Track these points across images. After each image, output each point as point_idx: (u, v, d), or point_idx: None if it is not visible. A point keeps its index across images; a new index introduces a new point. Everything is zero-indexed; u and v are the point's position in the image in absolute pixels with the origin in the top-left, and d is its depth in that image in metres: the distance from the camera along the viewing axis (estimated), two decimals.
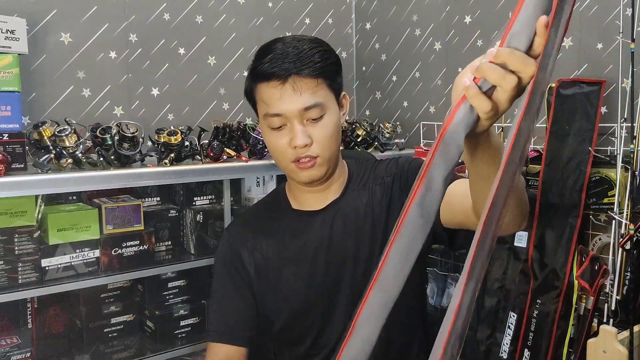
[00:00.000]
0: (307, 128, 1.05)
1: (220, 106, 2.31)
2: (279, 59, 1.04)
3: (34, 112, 1.89)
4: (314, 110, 1.04)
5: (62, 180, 1.55)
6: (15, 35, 1.57)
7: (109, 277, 1.76)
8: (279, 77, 1.03)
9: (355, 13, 2.70)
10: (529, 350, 1.67)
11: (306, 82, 1.04)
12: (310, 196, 1.16)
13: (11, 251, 1.62)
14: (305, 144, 1.04)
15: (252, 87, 1.09)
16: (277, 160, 1.11)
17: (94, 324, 1.85)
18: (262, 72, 1.05)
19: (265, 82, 1.05)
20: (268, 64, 1.04)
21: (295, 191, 1.19)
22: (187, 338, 1.95)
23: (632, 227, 1.46)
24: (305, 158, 1.06)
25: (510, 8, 2.00)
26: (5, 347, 1.69)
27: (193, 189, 2.02)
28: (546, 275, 1.66)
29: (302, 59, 1.04)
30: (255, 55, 1.10)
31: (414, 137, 2.35)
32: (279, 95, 1.03)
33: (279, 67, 1.03)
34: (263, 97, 1.06)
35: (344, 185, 1.18)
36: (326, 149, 1.07)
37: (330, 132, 1.07)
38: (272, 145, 1.09)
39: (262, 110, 1.08)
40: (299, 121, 1.04)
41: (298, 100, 1.03)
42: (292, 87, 1.03)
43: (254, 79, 1.08)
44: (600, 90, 1.66)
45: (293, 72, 1.03)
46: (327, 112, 1.07)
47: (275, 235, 1.18)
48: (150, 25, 2.12)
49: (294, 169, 1.08)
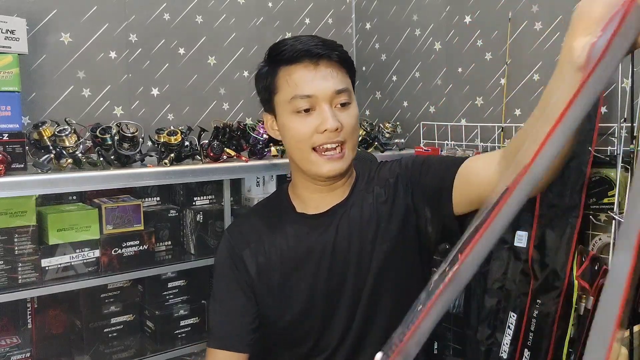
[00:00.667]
0: (336, 113, 1.03)
1: (220, 106, 2.31)
2: (306, 42, 1.03)
3: (34, 112, 1.89)
4: (344, 95, 1.04)
5: (62, 180, 1.55)
6: (15, 35, 1.57)
7: (109, 277, 1.76)
8: (311, 58, 1.02)
9: (355, 13, 2.70)
10: (529, 350, 1.67)
11: (337, 66, 1.04)
12: (317, 196, 1.14)
13: (11, 251, 1.62)
14: (337, 127, 1.02)
15: (275, 72, 1.06)
16: (296, 150, 1.07)
17: (93, 324, 1.85)
18: (292, 53, 1.02)
19: (295, 63, 1.03)
20: (300, 45, 1.02)
21: (300, 191, 1.15)
22: (187, 338, 1.95)
23: None
24: (332, 144, 1.03)
25: (510, 8, 2.00)
26: (5, 347, 1.69)
27: (193, 189, 2.02)
28: (546, 275, 1.66)
29: (328, 44, 1.04)
30: (271, 48, 1.08)
31: (414, 137, 2.35)
32: (312, 77, 1.02)
33: (312, 47, 1.02)
34: (293, 79, 1.03)
35: (350, 187, 1.16)
36: (353, 138, 1.06)
37: (356, 122, 1.07)
38: (296, 130, 1.04)
39: (288, 93, 1.04)
40: (329, 104, 1.02)
41: (331, 81, 1.02)
42: (326, 68, 1.02)
43: (279, 62, 1.05)
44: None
45: (325, 53, 1.02)
46: (352, 102, 1.06)
47: (279, 238, 1.15)
48: (150, 25, 2.12)
49: (316, 160, 1.05)
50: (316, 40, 1.04)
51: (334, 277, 1.12)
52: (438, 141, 2.25)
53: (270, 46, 1.09)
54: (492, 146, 2.05)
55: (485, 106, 2.14)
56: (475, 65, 2.16)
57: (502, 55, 2.05)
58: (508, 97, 2.04)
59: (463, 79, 2.22)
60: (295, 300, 1.13)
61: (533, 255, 1.69)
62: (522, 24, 1.98)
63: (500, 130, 2.04)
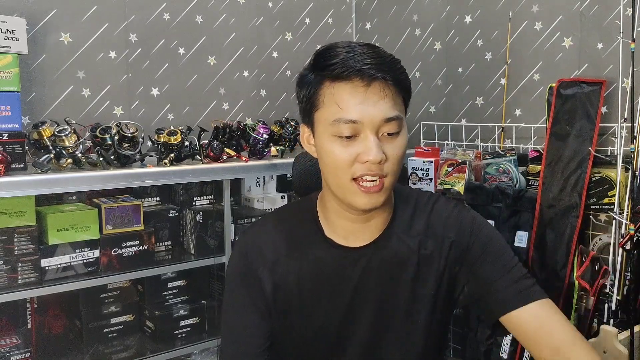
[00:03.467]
0: (381, 143, 0.91)
1: (220, 106, 2.31)
2: (360, 57, 0.89)
3: (34, 112, 1.89)
4: (393, 124, 0.91)
5: (62, 180, 1.55)
6: (15, 35, 1.57)
7: (109, 277, 1.76)
8: (363, 78, 0.88)
9: (355, 13, 2.70)
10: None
11: (391, 89, 0.91)
12: (348, 225, 1.02)
13: (11, 251, 1.62)
14: (380, 159, 0.89)
15: (319, 84, 0.93)
16: (333, 176, 0.95)
17: (93, 324, 1.85)
18: (342, 68, 0.89)
19: (345, 81, 0.89)
20: (352, 60, 0.89)
21: (330, 215, 1.03)
22: (186, 338, 1.95)
23: (633, 227, 1.45)
24: (373, 177, 0.91)
25: (510, 8, 2.00)
26: (5, 347, 1.69)
27: (193, 189, 2.02)
28: (547, 275, 1.65)
29: (386, 63, 0.91)
30: (320, 53, 0.94)
31: (414, 137, 2.35)
32: (361, 99, 0.89)
33: (365, 66, 0.88)
34: (338, 100, 0.90)
35: (387, 223, 1.04)
36: (396, 172, 0.94)
37: (402, 154, 0.94)
38: (335, 157, 0.92)
39: (331, 113, 0.91)
40: (375, 133, 0.90)
41: (382, 107, 0.90)
42: (378, 91, 0.89)
43: (326, 76, 0.92)
44: (601, 90, 1.66)
45: (379, 75, 0.89)
46: (402, 130, 0.94)
47: (300, 261, 1.04)
48: (150, 25, 2.12)
49: (355, 190, 0.93)
50: (372, 55, 0.91)
51: (348, 317, 1.04)
52: (438, 141, 2.25)
53: (319, 50, 0.95)
54: (492, 146, 2.05)
55: (485, 106, 2.14)
56: (475, 65, 2.16)
57: (502, 55, 2.05)
58: (508, 97, 2.04)
59: (463, 79, 2.22)
60: (308, 327, 1.06)
61: (533, 256, 1.69)
62: (522, 24, 1.98)
63: (500, 130, 2.04)
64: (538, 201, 1.70)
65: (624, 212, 1.51)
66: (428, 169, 2.04)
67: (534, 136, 1.93)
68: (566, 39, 1.85)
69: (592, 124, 1.66)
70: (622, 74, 1.58)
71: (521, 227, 1.74)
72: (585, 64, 1.80)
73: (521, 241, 1.74)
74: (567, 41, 1.85)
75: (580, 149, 1.66)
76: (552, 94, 1.74)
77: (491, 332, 1.77)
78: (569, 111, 1.70)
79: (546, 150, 1.73)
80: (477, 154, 1.96)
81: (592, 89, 1.68)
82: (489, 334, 1.77)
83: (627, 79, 1.57)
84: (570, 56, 1.84)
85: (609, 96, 1.70)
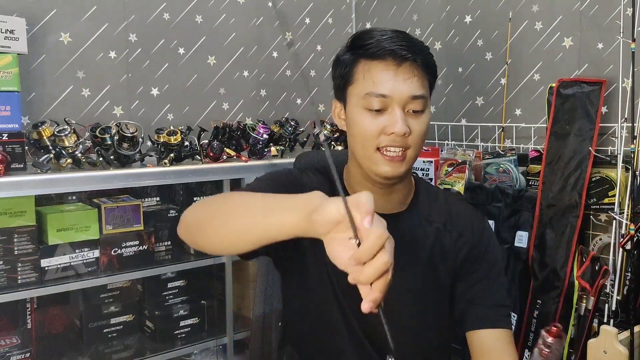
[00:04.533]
0: (407, 119, 1.00)
1: (220, 106, 2.31)
2: (393, 40, 1.00)
3: (34, 112, 1.89)
4: (419, 102, 1.01)
5: (62, 180, 1.55)
6: (14, 35, 1.57)
7: (109, 277, 1.76)
8: (395, 57, 0.99)
9: (355, 13, 2.70)
10: (530, 350, 1.66)
11: (419, 70, 1.01)
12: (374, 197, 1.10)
13: (10, 251, 1.62)
14: (405, 132, 0.99)
15: (354, 62, 1.03)
16: (360, 146, 1.03)
17: (93, 324, 1.85)
18: (377, 49, 0.99)
19: (378, 60, 1.00)
20: (386, 42, 0.99)
21: (355, 185, 1.11)
22: (186, 338, 1.95)
23: (633, 227, 1.45)
24: (396, 148, 1.00)
25: (510, 8, 2.00)
26: (4, 347, 1.69)
27: (193, 189, 2.02)
28: (546, 275, 1.65)
29: (416, 47, 1.01)
30: (357, 36, 1.04)
31: None
32: (392, 76, 0.99)
33: (398, 47, 0.99)
34: (372, 75, 1.00)
35: (409, 200, 1.12)
36: (418, 146, 1.03)
37: (425, 130, 1.03)
38: (364, 127, 1.01)
39: (363, 88, 1.01)
40: (402, 108, 1.00)
41: (410, 85, 1.00)
42: (407, 71, 0.99)
43: (361, 55, 1.02)
44: (601, 90, 1.66)
45: (410, 56, 0.99)
46: (426, 109, 1.03)
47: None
48: (149, 25, 2.12)
49: (379, 159, 1.01)
50: (404, 39, 1.01)
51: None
52: (438, 141, 2.25)
53: (356, 33, 1.06)
54: (493, 146, 2.05)
55: (485, 106, 2.14)
56: (475, 65, 2.16)
57: (502, 55, 2.04)
58: (508, 97, 2.04)
59: (463, 79, 2.21)
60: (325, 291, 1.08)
61: (533, 255, 1.69)
62: (522, 24, 1.98)
63: (500, 130, 2.04)
64: (538, 201, 1.70)
65: (624, 212, 1.51)
66: (428, 168, 2.04)
67: (534, 136, 1.93)
68: (566, 39, 1.85)
69: (592, 124, 1.66)
70: (622, 74, 1.58)
71: (521, 226, 1.74)
72: (586, 64, 1.80)
73: (521, 241, 1.74)
74: (567, 41, 1.85)
75: (581, 148, 1.66)
76: (552, 93, 1.74)
77: None
78: (569, 111, 1.70)
79: (546, 150, 1.73)
80: (477, 154, 1.96)
81: (592, 88, 1.68)
82: None
83: (627, 79, 1.57)
84: (570, 56, 1.84)
85: (609, 96, 1.70)
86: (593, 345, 1.34)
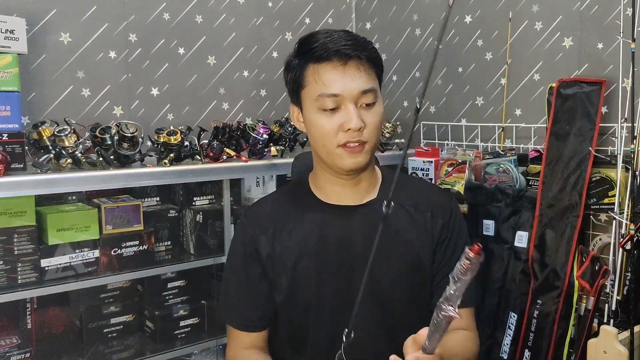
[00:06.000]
0: (360, 112, 1.06)
1: (220, 106, 2.31)
2: (337, 41, 1.05)
3: (34, 112, 1.89)
4: (369, 95, 1.06)
5: (62, 180, 1.55)
6: (14, 35, 1.57)
7: (109, 277, 1.76)
8: (340, 58, 1.04)
9: (355, 13, 2.70)
10: (530, 350, 1.66)
11: (365, 66, 1.06)
12: (342, 190, 1.16)
13: (10, 251, 1.62)
14: (360, 126, 1.05)
15: (303, 67, 1.09)
16: (321, 145, 1.10)
17: (93, 324, 1.85)
18: (322, 51, 1.05)
19: (325, 62, 1.05)
20: (330, 43, 1.05)
21: (322, 183, 1.18)
22: (186, 338, 1.95)
23: (633, 227, 1.45)
24: (354, 142, 1.06)
25: (510, 8, 2.00)
26: (4, 347, 1.69)
27: (193, 189, 2.02)
28: (546, 275, 1.65)
29: (359, 44, 1.06)
30: (303, 40, 1.10)
31: (414, 137, 2.35)
32: (341, 75, 1.04)
33: (342, 47, 1.04)
34: (321, 77, 1.06)
35: (377, 187, 1.19)
36: (375, 136, 1.09)
37: (379, 121, 1.09)
38: (322, 127, 1.07)
39: (315, 90, 1.07)
40: (354, 104, 1.05)
41: (358, 81, 1.05)
42: (354, 68, 1.05)
43: (309, 59, 1.07)
44: (601, 90, 1.66)
45: (354, 54, 1.04)
46: (377, 101, 1.09)
47: (298, 223, 1.16)
48: (149, 25, 2.12)
49: (341, 154, 1.08)
50: (347, 38, 1.06)
51: (344, 272, 1.14)
52: (438, 141, 2.25)
53: (302, 38, 1.11)
54: (493, 146, 2.05)
55: (485, 106, 2.14)
56: (476, 65, 2.16)
57: (502, 55, 2.04)
58: (508, 97, 2.04)
59: (463, 79, 2.21)
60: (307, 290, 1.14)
61: (533, 255, 1.69)
62: (522, 24, 1.98)
63: (500, 130, 2.04)
64: (538, 201, 1.70)
65: (624, 212, 1.51)
66: (428, 169, 2.04)
67: (534, 136, 1.93)
68: (566, 39, 1.85)
69: (592, 124, 1.66)
70: (622, 74, 1.58)
71: (521, 226, 1.74)
72: (585, 64, 1.80)
73: (521, 241, 1.74)
74: (567, 41, 1.85)
75: (581, 148, 1.66)
76: (552, 93, 1.74)
77: (491, 332, 1.77)
78: (569, 111, 1.70)
79: (546, 150, 1.73)
80: (477, 154, 1.96)
81: (592, 88, 1.68)
82: (489, 333, 1.77)
83: (627, 79, 1.57)
84: (570, 56, 1.84)
85: (609, 96, 1.70)
86: (593, 345, 1.34)
